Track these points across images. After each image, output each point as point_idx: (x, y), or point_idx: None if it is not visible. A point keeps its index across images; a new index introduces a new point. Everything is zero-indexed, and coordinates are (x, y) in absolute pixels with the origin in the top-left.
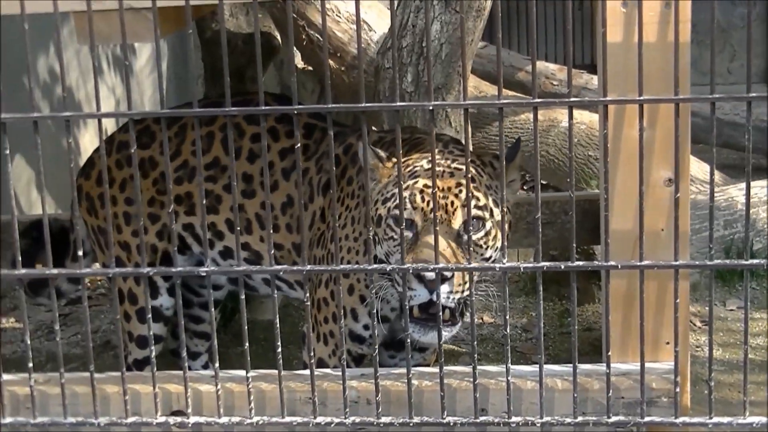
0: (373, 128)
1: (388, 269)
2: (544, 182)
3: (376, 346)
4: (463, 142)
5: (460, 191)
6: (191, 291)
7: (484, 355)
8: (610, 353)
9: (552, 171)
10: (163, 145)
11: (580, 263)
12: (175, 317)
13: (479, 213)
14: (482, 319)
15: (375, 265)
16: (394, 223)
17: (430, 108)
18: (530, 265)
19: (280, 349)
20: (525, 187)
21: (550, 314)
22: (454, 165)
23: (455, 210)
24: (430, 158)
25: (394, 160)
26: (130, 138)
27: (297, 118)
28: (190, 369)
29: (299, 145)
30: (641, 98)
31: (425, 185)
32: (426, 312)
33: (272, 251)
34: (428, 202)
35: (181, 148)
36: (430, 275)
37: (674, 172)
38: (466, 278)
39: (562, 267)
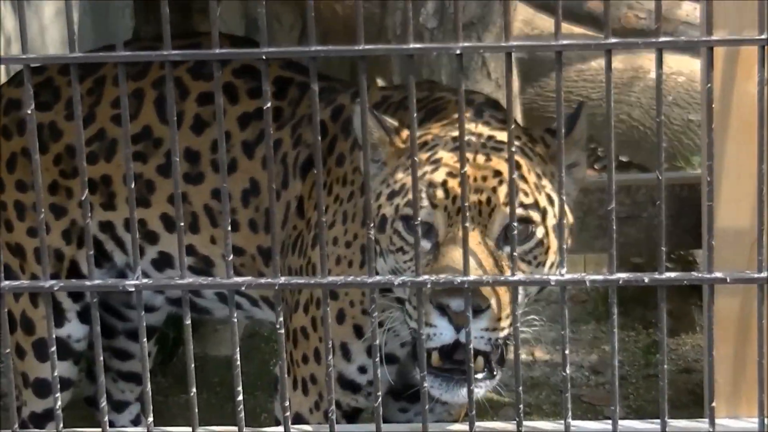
0: (378, 82)
1: (395, 283)
2: (624, 159)
3: (379, 394)
4: (504, 103)
5: (501, 182)
6: (115, 314)
7: (535, 407)
8: (714, 404)
9: (636, 143)
10: (74, 104)
11: (672, 275)
12: (89, 351)
13: (527, 214)
14: (533, 355)
15: (377, 278)
16: (404, 228)
17: (458, 52)
18: (600, 277)
19: (240, 397)
20: (597, 167)
21: (632, 349)
22: (491, 142)
23: (493, 210)
24: (455, 131)
25: (407, 132)
26: (23, 94)
27: (266, 68)
28: (113, 425)
29: (269, 104)
30: (763, 37)
31: (450, 173)
32: (450, 359)
33: (230, 256)
34: (454, 198)
35: (95, 111)
36: (457, 304)
37: None
38: (508, 310)
39: (646, 280)
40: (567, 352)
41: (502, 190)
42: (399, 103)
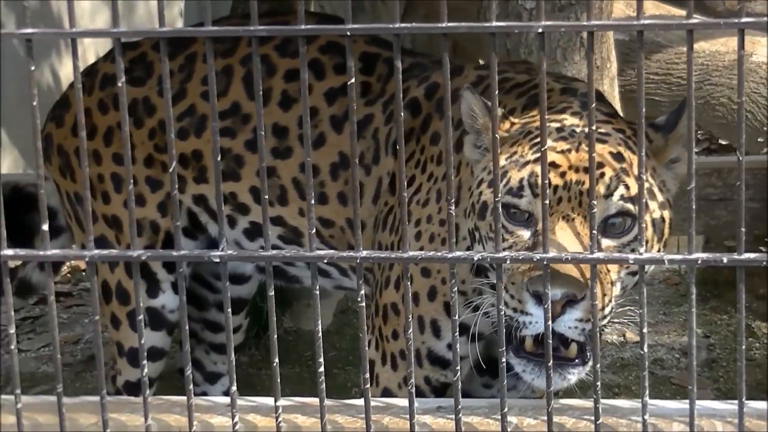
0: (481, 63)
1: (475, 258)
2: (723, 142)
3: (458, 367)
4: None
5: (602, 174)
6: (207, 286)
7: (624, 388)
8: None
9: (735, 126)
10: (163, 80)
11: (751, 256)
12: (188, 323)
13: (627, 207)
14: (624, 336)
15: (458, 253)
16: (504, 215)
17: (540, 30)
18: (678, 257)
19: (322, 368)
20: (696, 149)
21: (724, 332)
22: (596, 135)
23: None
24: (561, 120)
25: (515, 120)
26: (116, 68)
27: (351, 43)
28: (205, 395)
29: (353, 80)
30: None
31: (552, 162)
32: (542, 344)
33: (313, 229)
34: (555, 188)
35: (186, 88)
36: (553, 294)
37: None
38: (605, 300)
39: (725, 261)
40: (645, 330)
41: (604, 181)
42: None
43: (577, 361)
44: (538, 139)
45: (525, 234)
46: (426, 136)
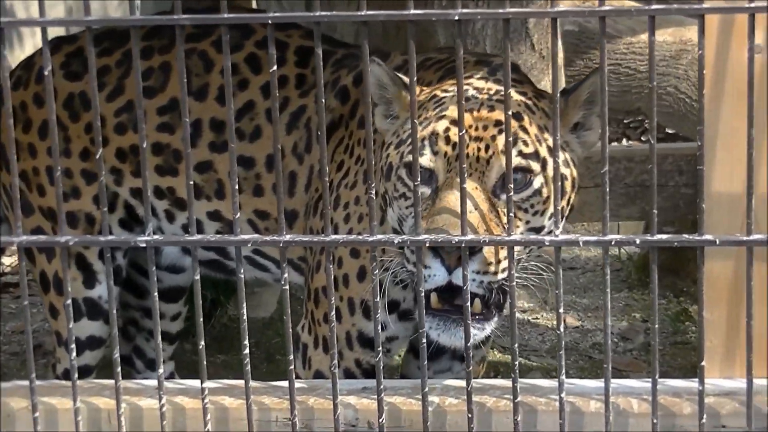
0: (425, 51)
1: (396, 242)
2: (670, 131)
3: (379, 348)
4: (552, 71)
5: (500, 132)
6: (145, 275)
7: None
8: (704, 363)
9: (682, 115)
10: (89, 70)
11: (663, 237)
12: (122, 312)
13: (525, 163)
14: (564, 321)
15: (378, 236)
16: (407, 174)
17: (456, 18)
18: (593, 238)
19: (247, 350)
20: (644, 138)
21: (662, 316)
22: (497, 96)
23: (491, 157)
24: (468, 84)
25: (425, 88)
26: (43, 60)
27: (272, 30)
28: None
29: (274, 68)
30: (752, 5)
31: (454, 121)
32: (449, 302)
33: (237, 213)
34: (454, 146)
35: (124, 83)
36: (449, 246)
37: None
38: (503, 253)
39: (638, 242)
40: (561, 311)
41: (501, 138)
42: (419, 65)
43: (480, 316)
44: (443, 103)
45: (426, 190)
46: (354, 122)
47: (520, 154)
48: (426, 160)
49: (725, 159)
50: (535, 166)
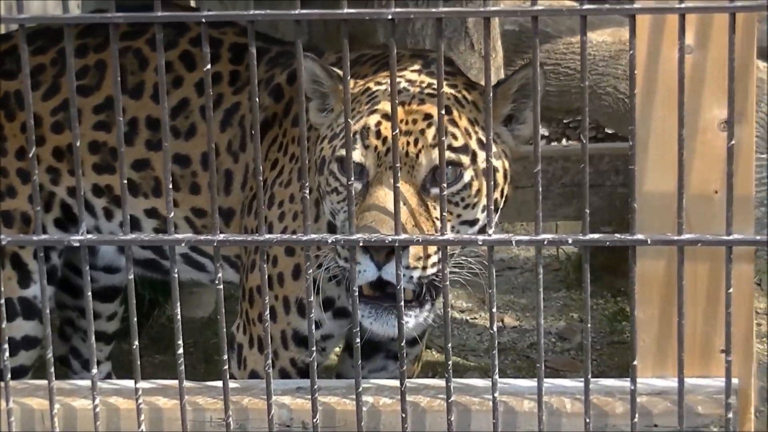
0: (361, 49)
1: (329, 241)
2: (609, 131)
3: (313, 348)
4: (485, 69)
5: (429, 125)
6: (81, 275)
7: (500, 372)
8: (636, 363)
9: (621, 115)
10: (23, 68)
11: (595, 236)
12: (59, 312)
13: (454, 157)
14: (502, 321)
15: (312, 236)
16: (338, 169)
17: (390, 17)
18: (525, 238)
19: (181, 350)
20: (586, 139)
21: (599, 316)
22: (429, 89)
23: (420, 152)
24: (401, 77)
25: (359, 81)
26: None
27: (206, 29)
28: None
29: (209, 67)
30: (682, 6)
31: (385, 115)
32: (381, 289)
33: (171, 213)
34: (384, 140)
35: (59, 82)
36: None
37: (728, 111)
38: (432, 248)
39: (570, 241)
40: (494, 310)
41: (431, 132)
42: (354, 61)
43: (413, 303)
44: (375, 96)
45: (358, 185)
46: (288, 120)
47: (450, 147)
48: (357, 155)
49: (657, 159)
50: (465, 159)
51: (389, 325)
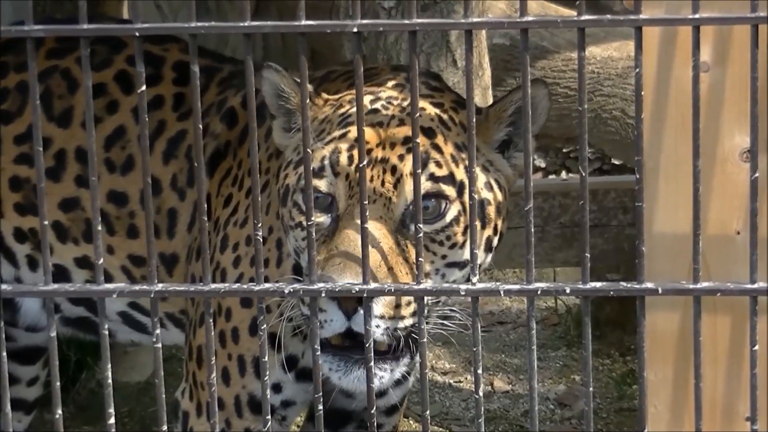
0: (328, 66)
1: (287, 291)
2: (616, 162)
3: (267, 417)
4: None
5: (410, 151)
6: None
7: None
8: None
9: (630, 144)
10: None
11: (597, 285)
12: None
13: (436, 188)
14: (492, 385)
15: (265, 285)
16: (304, 200)
17: (354, 30)
18: (515, 287)
19: (113, 419)
20: (585, 171)
21: (605, 379)
22: (408, 109)
23: (398, 182)
24: (378, 93)
25: (330, 99)
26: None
27: (140, 44)
28: None
29: (143, 88)
30: (696, 17)
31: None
32: (352, 338)
33: (101, 259)
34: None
35: None
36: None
37: (751, 138)
38: (406, 298)
39: (567, 290)
40: (479, 371)
41: (410, 160)
42: (321, 78)
43: (388, 356)
44: (348, 116)
45: (325, 220)
46: (243, 148)
47: (432, 177)
48: (325, 183)
49: (669, 194)
50: (450, 191)
51: (361, 381)
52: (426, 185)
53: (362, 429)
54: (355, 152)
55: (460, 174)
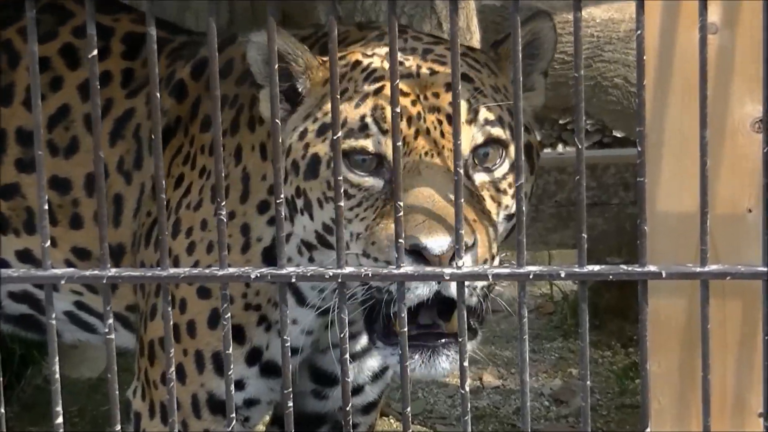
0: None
1: (252, 276)
2: (618, 134)
3: (232, 415)
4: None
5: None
6: None
7: None
8: (649, 430)
9: (633, 114)
10: None
11: (595, 269)
12: None
13: (495, 133)
14: (480, 380)
15: (230, 270)
16: (348, 166)
17: None
18: (505, 271)
19: (60, 419)
20: (581, 143)
21: (605, 372)
22: (431, 55)
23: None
24: (383, 47)
25: (322, 58)
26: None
27: (91, 6)
28: None
29: (94, 53)
30: None
31: (400, 91)
32: (415, 323)
33: (47, 242)
34: (409, 120)
35: None
36: (438, 244)
37: (764, 107)
38: (495, 248)
39: (562, 275)
40: (466, 364)
41: (463, 106)
42: (303, 39)
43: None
44: (374, 70)
45: (377, 183)
46: (195, 124)
47: (488, 122)
48: (372, 143)
49: (674, 169)
50: (505, 134)
51: (439, 368)
52: (484, 130)
53: (336, 430)
54: (402, 105)
55: (506, 116)
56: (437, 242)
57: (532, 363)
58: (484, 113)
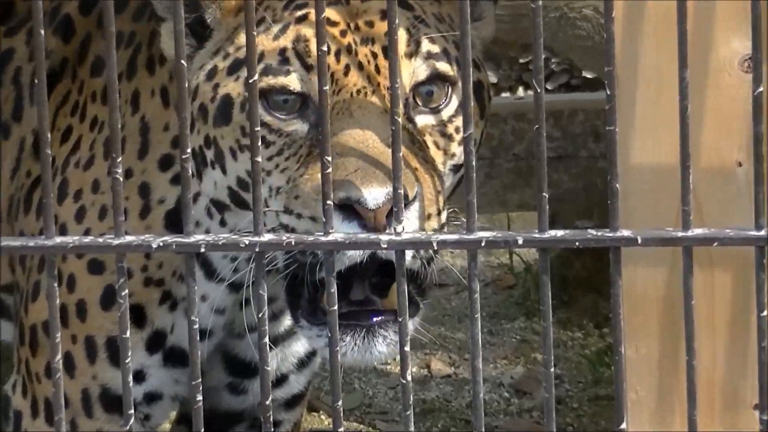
0: None
1: (154, 246)
2: (589, 75)
3: (130, 412)
4: None
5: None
6: None
7: None
8: (625, 426)
9: (603, 50)
10: None
11: (558, 234)
12: None
13: (440, 67)
14: (428, 368)
15: (128, 238)
16: (266, 108)
17: None
18: (452, 237)
19: None
20: (549, 86)
21: (575, 357)
22: None
23: (388, 65)
24: None
25: None
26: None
27: None
28: None
29: None
30: None
31: (327, 18)
32: (345, 299)
33: None
34: (337, 53)
35: None
36: (374, 197)
37: (753, 43)
38: (441, 201)
39: (520, 242)
40: (407, 348)
41: (401, 36)
42: None
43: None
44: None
45: (301, 127)
46: (85, 67)
47: (431, 55)
48: (295, 80)
49: (649, 115)
50: (452, 70)
51: (375, 352)
52: (428, 64)
53: (255, 429)
54: (330, 36)
55: (452, 49)
56: (372, 194)
57: (489, 347)
58: (426, 45)
